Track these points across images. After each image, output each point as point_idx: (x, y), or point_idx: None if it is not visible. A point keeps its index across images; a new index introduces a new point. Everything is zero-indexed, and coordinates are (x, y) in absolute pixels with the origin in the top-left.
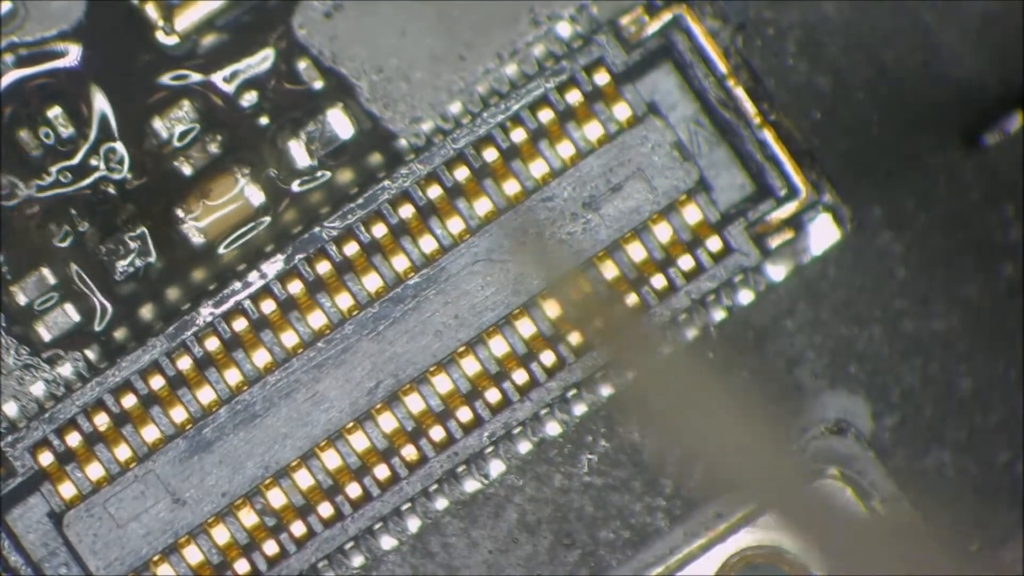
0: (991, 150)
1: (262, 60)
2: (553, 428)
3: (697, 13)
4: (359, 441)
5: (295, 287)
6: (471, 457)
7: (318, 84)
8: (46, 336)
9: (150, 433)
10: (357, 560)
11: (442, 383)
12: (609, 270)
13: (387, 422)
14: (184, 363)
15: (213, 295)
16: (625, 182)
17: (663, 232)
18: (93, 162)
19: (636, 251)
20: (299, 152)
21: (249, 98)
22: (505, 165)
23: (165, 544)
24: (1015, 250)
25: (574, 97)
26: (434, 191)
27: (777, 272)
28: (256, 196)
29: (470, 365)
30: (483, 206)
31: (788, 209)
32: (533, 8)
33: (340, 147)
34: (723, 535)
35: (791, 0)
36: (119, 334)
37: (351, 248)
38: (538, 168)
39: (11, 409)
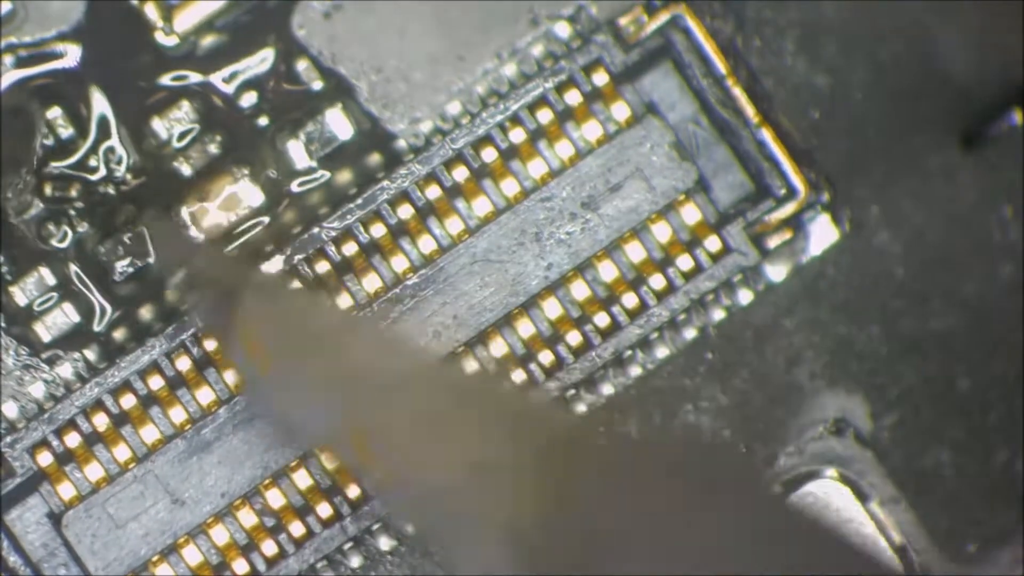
0: (990, 150)
1: (261, 61)
2: None
3: (696, 13)
4: None
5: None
6: None
7: (317, 85)
8: (45, 336)
9: (149, 434)
10: (356, 560)
11: None
12: (608, 270)
13: None
14: (183, 363)
15: None
16: (624, 182)
17: (662, 232)
18: (92, 163)
19: (635, 251)
20: (298, 152)
21: (248, 98)
22: (504, 165)
23: (164, 544)
24: (1014, 250)
25: (573, 97)
26: (433, 191)
27: (776, 272)
28: (255, 196)
29: (468, 366)
30: (482, 206)
31: (787, 209)
32: (532, 8)
33: (339, 147)
34: None
35: (790, 0)
36: (118, 334)
37: (350, 248)
38: (537, 168)
39: (10, 410)
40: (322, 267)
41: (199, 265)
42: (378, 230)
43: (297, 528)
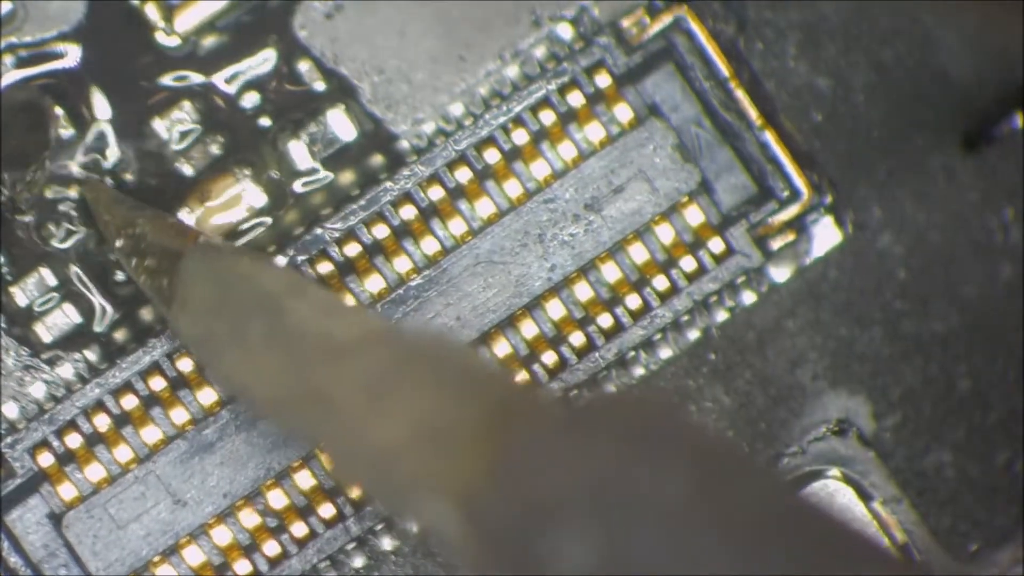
0: (991, 152)
1: (263, 61)
2: None
3: (698, 15)
4: None
5: None
6: None
7: (319, 85)
8: (46, 337)
9: (151, 434)
10: (359, 561)
11: None
12: (611, 271)
13: None
14: (185, 364)
15: None
16: (627, 184)
17: (665, 233)
18: (93, 163)
19: (638, 252)
20: (300, 153)
21: (250, 99)
22: (507, 166)
23: (166, 545)
24: (1015, 252)
25: (575, 99)
26: (436, 192)
27: (779, 273)
28: (257, 197)
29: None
30: (485, 207)
31: (790, 211)
32: (534, 10)
33: (342, 148)
34: None
35: (791, 1)
36: (119, 335)
37: (353, 249)
38: (540, 169)
39: (11, 410)
40: (325, 268)
41: (141, 229)
42: (381, 231)
43: (300, 528)
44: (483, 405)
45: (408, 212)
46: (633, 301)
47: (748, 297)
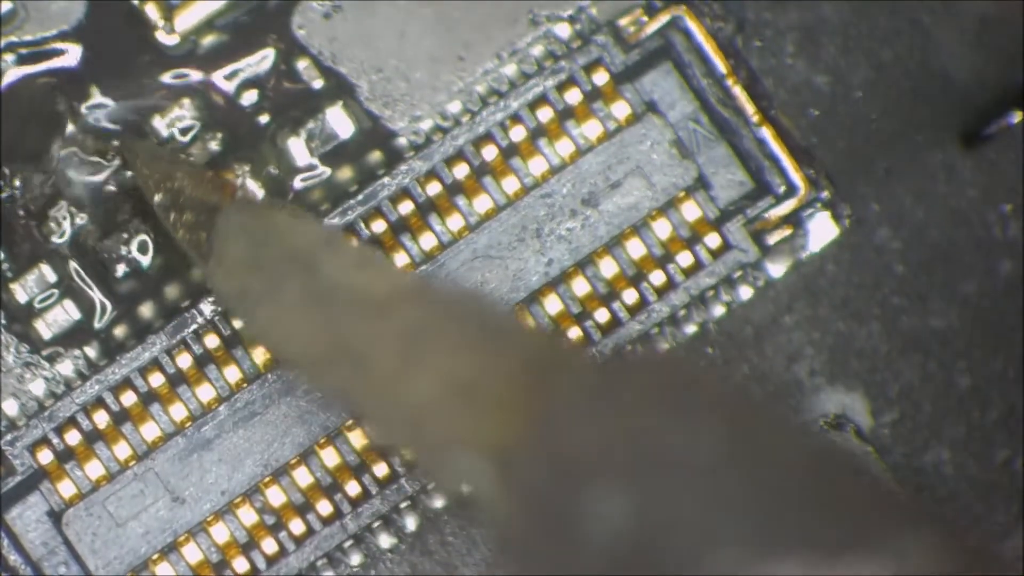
0: (989, 148)
1: (262, 60)
2: None
3: (696, 14)
4: (358, 439)
5: None
6: None
7: (318, 83)
8: (46, 334)
9: (150, 431)
10: (356, 558)
11: None
12: (608, 266)
13: None
14: (184, 361)
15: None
16: (624, 179)
17: (662, 229)
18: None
19: (635, 247)
20: (299, 150)
21: (249, 97)
22: (504, 163)
23: (164, 543)
24: (1014, 247)
25: (573, 96)
26: (433, 188)
27: (776, 269)
28: (256, 193)
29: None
30: (482, 203)
31: (787, 206)
32: (532, 9)
33: (340, 145)
34: None
35: (790, 1)
36: (119, 332)
37: None
38: (537, 165)
39: (11, 407)
40: None
41: (179, 183)
42: (379, 226)
43: (297, 526)
44: (519, 361)
45: (406, 207)
46: (630, 296)
47: (745, 292)
